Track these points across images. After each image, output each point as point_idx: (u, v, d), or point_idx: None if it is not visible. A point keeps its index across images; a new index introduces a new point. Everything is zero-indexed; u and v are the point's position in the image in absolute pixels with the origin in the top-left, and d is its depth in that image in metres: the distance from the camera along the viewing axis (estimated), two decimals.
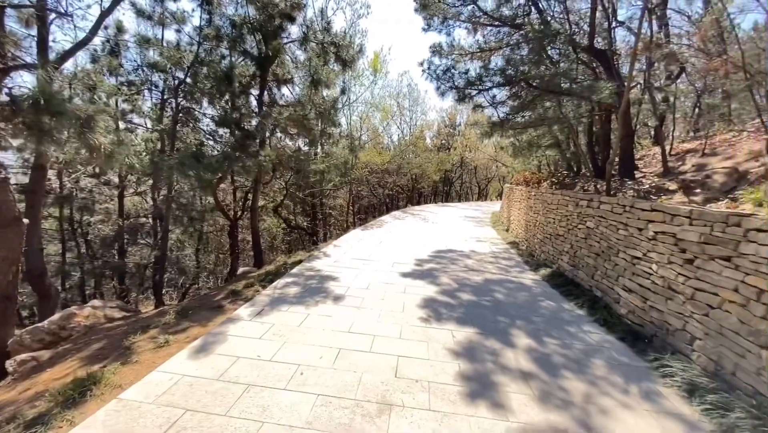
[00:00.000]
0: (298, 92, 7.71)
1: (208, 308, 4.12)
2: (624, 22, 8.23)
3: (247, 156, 5.44)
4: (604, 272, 4.29)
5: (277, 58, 6.26)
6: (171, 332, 3.43)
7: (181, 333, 3.40)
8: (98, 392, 2.42)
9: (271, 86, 7.35)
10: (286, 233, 14.28)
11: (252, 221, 7.37)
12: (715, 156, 5.72)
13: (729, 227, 2.64)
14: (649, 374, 2.80)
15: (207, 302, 4.45)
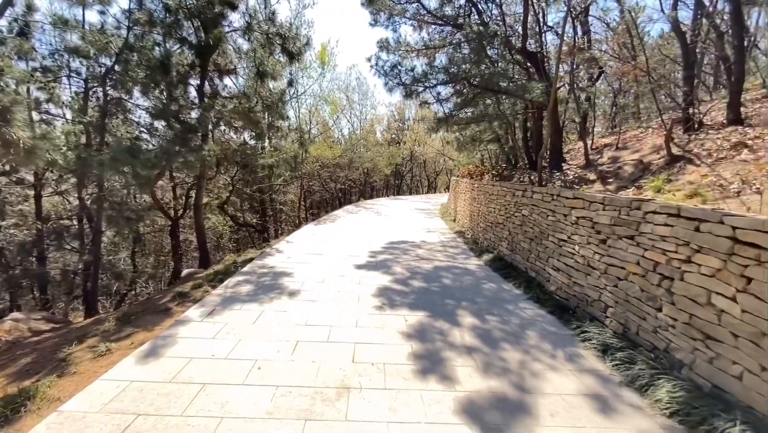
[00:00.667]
0: (242, 83, 7.41)
1: (153, 312, 3.92)
2: (552, 27, 9.02)
3: (189, 151, 5.15)
4: (537, 254, 4.78)
5: (219, 48, 5.96)
6: (113, 339, 3.23)
7: (124, 339, 3.22)
8: (34, 407, 2.25)
9: (213, 76, 6.99)
10: (233, 230, 13.68)
11: (196, 219, 7.00)
12: (627, 149, 6.58)
13: (632, 211, 3.13)
14: (573, 339, 3.24)
15: (151, 306, 4.22)
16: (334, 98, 19.01)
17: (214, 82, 6.79)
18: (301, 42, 6.61)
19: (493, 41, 7.31)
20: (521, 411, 2.28)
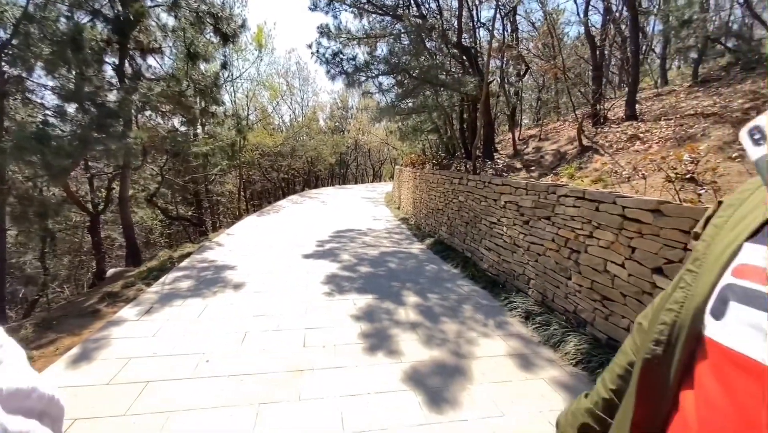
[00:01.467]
0: (169, 65, 6.82)
1: (79, 315, 3.60)
2: (485, 24, 9.58)
3: (110, 138, 4.65)
4: (472, 236, 5.23)
5: (140, 23, 5.41)
6: (32, 347, 2.93)
7: (47, 346, 2.94)
8: None
9: (134, 55, 6.33)
10: (164, 225, 12.63)
11: (122, 213, 6.39)
12: (548, 140, 7.35)
13: (549, 195, 3.59)
14: (502, 310, 3.67)
15: (75, 309, 3.85)
16: (272, 83, 18.19)
17: (136, 62, 6.14)
18: (236, 23, 6.25)
19: (431, 34, 7.60)
20: (458, 373, 2.58)
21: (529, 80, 11.92)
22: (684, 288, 0.44)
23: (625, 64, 10.80)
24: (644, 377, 0.47)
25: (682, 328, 0.42)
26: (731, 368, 0.36)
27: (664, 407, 0.43)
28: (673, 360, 0.43)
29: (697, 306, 0.41)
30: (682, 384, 0.42)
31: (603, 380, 0.61)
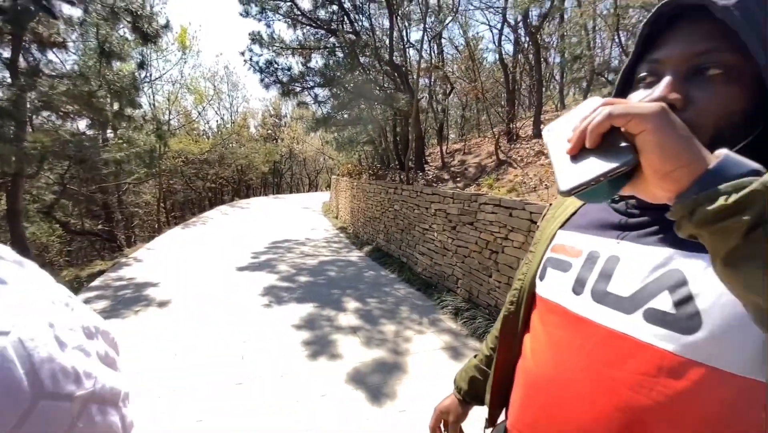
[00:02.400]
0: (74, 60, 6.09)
1: None
2: (414, 44, 10.27)
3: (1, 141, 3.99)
4: (407, 242, 5.56)
5: (39, 13, 4.78)
6: None
7: None
8: None
9: (30, 48, 5.55)
10: (64, 241, 10.96)
11: (12, 229, 5.47)
12: (471, 154, 8.12)
13: (472, 203, 4.03)
14: (434, 308, 3.99)
15: None
16: (197, 86, 17.06)
17: (34, 56, 5.36)
18: (158, 22, 5.84)
19: (364, 50, 7.94)
20: (396, 369, 2.78)
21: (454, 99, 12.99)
22: (527, 264, 0.67)
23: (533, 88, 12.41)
24: (504, 329, 0.69)
25: (524, 290, 0.65)
26: (547, 312, 0.58)
27: (515, 350, 0.65)
28: (520, 314, 0.66)
29: (533, 274, 0.64)
30: (524, 331, 0.64)
31: (486, 341, 0.84)
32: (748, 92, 0.42)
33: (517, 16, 7.98)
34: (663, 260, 0.45)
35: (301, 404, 2.32)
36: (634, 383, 0.43)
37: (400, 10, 8.67)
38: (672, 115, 0.34)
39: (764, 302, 0.28)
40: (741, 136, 0.43)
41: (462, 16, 9.99)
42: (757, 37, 0.40)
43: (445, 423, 0.89)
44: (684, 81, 0.44)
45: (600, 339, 0.48)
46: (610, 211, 0.55)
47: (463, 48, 12.95)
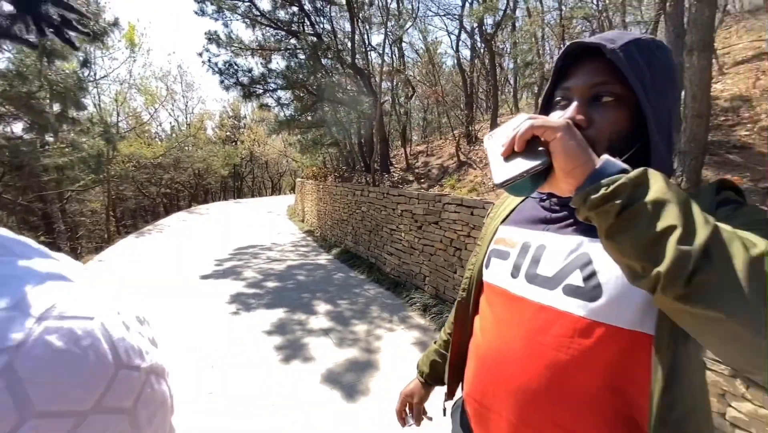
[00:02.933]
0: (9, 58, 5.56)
1: None
2: (375, 48, 10.41)
3: None
4: (375, 243, 5.67)
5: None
6: None
7: None
8: None
9: None
10: None
11: None
12: (434, 156, 8.39)
13: (436, 203, 4.22)
14: (404, 306, 4.13)
15: None
16: (148, 87, 16.08)
17: None
18: (105, 20, 5.50)
19: (326, 53, 7.96)
20: (369, 367, 2.88)
21: (415, 102, 13.30)
22: (475, 255, 0.80)
23: (489, 93, 13.03)
24: (457, 314, 0.82)
25: (474, 278, 0.78)
26: (492, 294, 0.71)
27: (468, 330, 0.78)
28: (470, 299, 0.79)
29: (480, 264, 0.77)
30: (474, 314, 0.77)
31: (444, 328, 0.97)
32: (632, 115, 0.58)
33: (473, 24, 8.37)
34: (575, 245, 0.59)
35: (276, 408, 2.35)
36: (557, 344, 0.56)
37: (361, 14, 8.78)
38: (574, 129, 0.48)
39: (634, 264, 0.41)
40: (627, 147, 0.58)
41: (421, 22, 10.28)
42: (637, 75, 0.55)
43: (409, 406, 1.00)
44: (587, 105, 0.59)
45: (532, 313, 0.61)
46: (538, 208, 0.70)
47: (423, 52, 13.33)
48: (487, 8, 6.55)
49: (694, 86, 2.98)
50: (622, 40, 0.56)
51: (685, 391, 0.50)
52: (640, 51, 0.56)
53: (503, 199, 0.83)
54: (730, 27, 9.08)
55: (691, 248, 0.37)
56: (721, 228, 0.39)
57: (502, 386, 0.62)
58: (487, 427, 0.65)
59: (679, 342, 0.49)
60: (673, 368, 0.49)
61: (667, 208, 0.39)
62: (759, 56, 6.11)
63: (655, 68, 0.56)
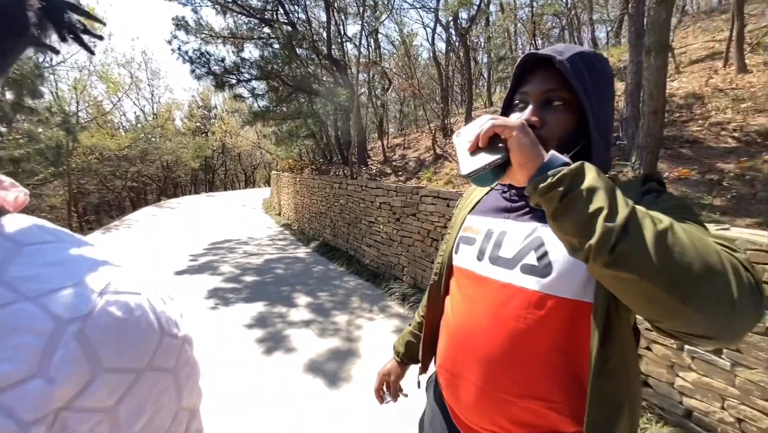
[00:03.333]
0: None
1: None
2: (351, 39, 10.31)
3: None
4: (354, 235, 5.73)
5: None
6: None
7: None
8: None
9: None
10: None
11: None
12: (411, 149, 8.49)
13: (414, 195, 4.32)
14: (383, 296, 4.23)
15: None
16: (109, 74, 15.15)
17: None
18: None
19: (301, 43, 7.82)
20: (351, 355, 2.96)
21: (392, 94, 13.31)
22: (446, 243, 0.89)
23: (464, 86, 13.24)
24: (430, 296, 0.91)
25: (444, 263, 0.87)
26: (461, 276, 0.80)
27: (439, 310, 0.87)
28: (441, 282, 0.87)
29: (450, 250, 0.86)
30: (445, 295, 0.86)
31: (417, 311, 1.06)
32: (577, 118, 0.68)
33: (449, 18, 8.46)
34: (530, 231, 0.69)
35: (257, 397, 2.39)
36: (515, 316, 0.66)
37: (337, 3, 8.66)
38: (528, 129, 0.56)
39: (573, 240, 0.50)
40: (573, 145, 0.68)
41: (397, 14, 10.26)
42: (581, 83, 0.65)
43: (387, 384, 1.09)
44: (540, 108, 0.69)
45: (495, 290, 0.70)
46: (500, 199, 0.79)
47: (399, 44, 13.32)
48: (462, 3, 6.65)
49: (651, 85, 3.21)
50: (569, 53, 0.66)
51: (616, 347, 0.61)
52: (584, 62, 0.66)
53: (470, 192, 0.92)
54: (687, 27, 9.65)
55: (614, 224, 0.46)
56: (636, 209, 0.48)
57: (470, 355, 0.71)
58: (457, 393, 0.74)
59: (611, 307, 0.60)
60: (607, 328, 0.60)
61: (597, 194, 0.48)
62: (712, 56, 6.54)
63: (596, 77, 0.66)
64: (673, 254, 0.45)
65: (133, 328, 0.31)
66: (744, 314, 0.45)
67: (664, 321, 0.49)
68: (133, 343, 0.30)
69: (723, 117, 4.38)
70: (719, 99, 4.75)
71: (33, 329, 0.26)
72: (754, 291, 0.46)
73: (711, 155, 3.80)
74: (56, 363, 0.26)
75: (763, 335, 1.79)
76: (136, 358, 0.31)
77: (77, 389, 0.27)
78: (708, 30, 8.49)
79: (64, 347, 0.27)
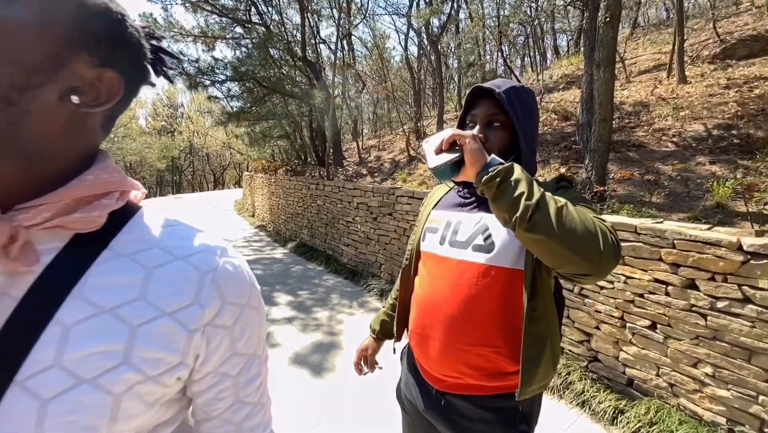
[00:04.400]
0: None
1: None
2: (325, 41, 10.39)
3: None
4: (332, 235, 5.86)
5: None
6: None
7: None
8: None
9: None
10: None
11: None
12: (385, 150, 8.71)
13: (390, 196, 4.51)
14: (362, 292, 4.41)
15: None
16: None
17: None
18: None
19: (276, 44, 7.84)
20: (333, 347, 3.11)
21: (365, 96, 13.49)
22: (414, 234, 1.10)
23: (436, 91, 13.67)
24: (402, 278, 1.12)
25: (414, 250, 1.08)
26: (426, 259, 1.01)
27: (410, 289, 1.08)
28: (411, 265, 1.08)
29: (418, 239, 1.06)
30: (414, 276, 1.07)
31: (390, 295, 1.27)
32: (511, 135, 0.92)
33: (421, 24, 8.75)
34: (478, 219, 0.91)
35: None
36: (469, 284, 0.87)
37: (311, 5, 8.73)
38: (477, 138, 0.80)
39: (505, 215, 0.73)
40: (509, 154, 0.92)
41: (371, 19, 10.45)
42: (513, 110, 0.89)
43: (364, 358, 1.30)
44: (485, 127, 0.93)
45: (453, 266, 0.91)
46: (456, 197, 1.02)
47: (372, 47, 13.54)
48: (433, 11, 6.94)
49: (601, 95, 3.59)
50: (505, 86, 0.90)
51: (540, 301, 0.84)
52: (516, 94, 0.90)
53: (432, 192, 1.15)
54: (638, 39, 10.48)
55: (531, 203, 0.69)
56: (545, 193, 0.72)
57: (435, 319, 0.92)
58: (426, 350, 0.95)
59: (536, 271, 0.83)
60: (533, 287, 0.83)
61: (521, 183, 0.72)
62: (658, 67, 7.19)
63: (524, 106, 0.90)
64: (566, 222, 0.69)
65: (239, 278, 0.48)
66: (608, 260, 0.70)
67: (563, 267, 0.73)
68: (240, 287, 0.47)
69: (664, 123, 4.90)
70: (662, 107, 5.29)
71: (187, 277, 0.43)
72: (614, 246, 0.71)
73: (653, 158, 4.26)
74: (204, 297, 0.43)
75: (689, 311, 2.13)
76: (242, 297, 0.48)
77: (215, 313, 0.44)
78: (656, 42, 9.25)
79: (206, 288, 0.43)
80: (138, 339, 0.39)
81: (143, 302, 0.40)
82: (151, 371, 0.39)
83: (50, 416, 0.34)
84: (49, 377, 0.35)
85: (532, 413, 0.91)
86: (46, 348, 0.35)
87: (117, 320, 0.38)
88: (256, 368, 0.51)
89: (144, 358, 0.39)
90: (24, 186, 0.37)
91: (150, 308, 0.40)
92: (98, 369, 0.36)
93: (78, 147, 0.40)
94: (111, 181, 0.42)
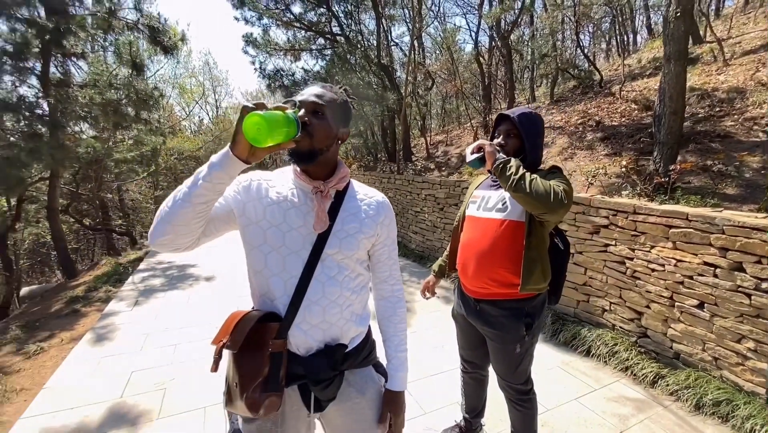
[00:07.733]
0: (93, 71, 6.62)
1: (57, 317, 3.83)
2: (397, 43, 11.04)
3: (57, 148, 4.60)
4: (402, 224, 6.52)
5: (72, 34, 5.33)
6: (33, 342, 3.22)
7: (50, 339, 3.26)
8: None
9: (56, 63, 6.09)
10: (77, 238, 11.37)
11: (52, 225, 6.08)
12: (453, 145, 9.09)
13: (456, 188, 5.00)
14: (428, 273, 4.97)
15: (43, 315, 4.01)
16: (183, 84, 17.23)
17: (66, 69, 5.87)
18: (175, 36, 6.44)
19: (354, 53, 8.71)
20: (408, 312, 3.76)
21: (434, 92, 13.86)
22: (462, 205, 1.69)
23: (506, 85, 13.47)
24: (453, 235, 1.71)
25: (461, 216, 1.69)
26: (468, 220, 1.62)
27: (457, 241, 1.68)
28: (459, 226, 1.68)
29: (464, 209, 1.67)
30: (460, 232, 1.66)
31: (445, 252, 1.84)
32: (521, 144, 1.49)
33: (492, 23, 8.89)
34: (500, 194, 1.50)
35: None
36: (492, 234, 1.45)
37: (386, 11, 9.44)
38: (494, 145, 1.42)
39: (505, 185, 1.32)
40: (520, 155, 1.49)
41: (442, 19, 10.80)
42: (523, 128, 1.48)
43: (428, 288, 1.91)
44: (506, 138, 1.51)
45: (483, 222, 1.50)
46: (489, 183, 1.60)
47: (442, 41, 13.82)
48: (504, 9, 7.11)
49: (671, 89, 3.63)
50: (519, 112, 1.48)
51: (534, 242, 1.39)
52: (526, 118, 1.47)
53: (477, 179, 1.75)
54: (749, 13, 9.21)
55: (515, 177, 1.28)
56: (525, 173, 1.29)
57: (471, 253, 1.51)
58: (466, 272, 1.55)
59: (531, 223, 1.38)
60: (530, 232, 1.38)
61: (512, 169, 1.33)
62: (766, 46, 6.43)
63: (531, 125, 1.46)
64: (533, 187, 1.24)
65: (390, 207, 1.11)
66: (555, 207, 1.25)
67: (535, 211, 1.29)
68: (390, 210, 1.11)
69: (758, 112, 4.57)
70: (760, 93, 4.88)
71: (376, 203, 1.07)
72: (561, 199, 1.26)
73: (739, 149, 4.09)
74: (380, 213, 1.07)
75: (735, 291, 2.32)
76: (390, 214, 1.10)
77: (382, 218, 1.08)
78: None
79: (382, 209, 1.07)
80: (363, 225, 1.03)
81: (362, 213, 1.05)
82: (368, 237, 1.04)
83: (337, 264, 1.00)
84: (331, 243, 1.01)
85: (534, 313, 1.48)
86: (334, 234, 1.01)
87: (355, 219, 1.04)
88: (395, 247, 1.14)
89: (365, 232, 1.03)
90: (328, 174, 1.03)
91: (364, 216, 1.05)
92: (353, 236, 1.02)
93: (336, 159, 1.07)
94: (346, 172, 1.08)
